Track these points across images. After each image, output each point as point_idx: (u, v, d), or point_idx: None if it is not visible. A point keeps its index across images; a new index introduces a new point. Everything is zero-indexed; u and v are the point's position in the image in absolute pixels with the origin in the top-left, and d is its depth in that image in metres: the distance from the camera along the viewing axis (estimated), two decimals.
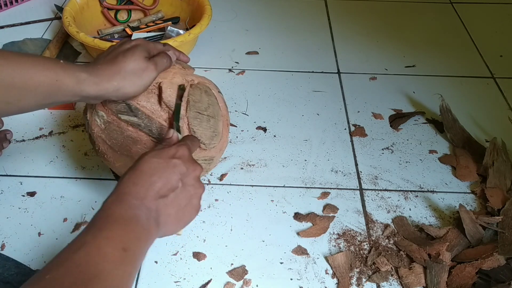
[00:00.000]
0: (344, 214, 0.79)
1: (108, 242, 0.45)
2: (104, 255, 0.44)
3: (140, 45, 0.63)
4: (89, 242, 0.45)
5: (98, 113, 0.68)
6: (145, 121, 0.67)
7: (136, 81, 0.61)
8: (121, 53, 0.62)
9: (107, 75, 0.59)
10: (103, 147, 0.69)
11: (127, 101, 0.66)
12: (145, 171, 0.51)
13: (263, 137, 0.92)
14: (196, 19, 1.07)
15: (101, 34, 1.11)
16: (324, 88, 1.05)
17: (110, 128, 0.68)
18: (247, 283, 0.69)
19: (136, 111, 0.67)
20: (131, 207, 0.49)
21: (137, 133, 0.67)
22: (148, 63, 0.62)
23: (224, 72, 1.08)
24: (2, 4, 1.24)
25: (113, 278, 0.44)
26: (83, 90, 0.58)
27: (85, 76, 0.58)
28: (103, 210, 0.49)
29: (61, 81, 0.56)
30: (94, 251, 0.44)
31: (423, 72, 1.10)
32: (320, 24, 1.25)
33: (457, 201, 0.81)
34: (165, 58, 0.65)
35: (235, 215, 0.78)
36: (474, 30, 1.24)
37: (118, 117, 0.67)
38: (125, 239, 0.46)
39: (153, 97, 0.68)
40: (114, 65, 0.60)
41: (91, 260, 0.43)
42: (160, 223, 0.51)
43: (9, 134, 0.85)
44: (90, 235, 0.46)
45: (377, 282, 0.70)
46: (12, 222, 0.76)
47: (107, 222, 0.47)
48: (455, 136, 0.92)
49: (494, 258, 0.69)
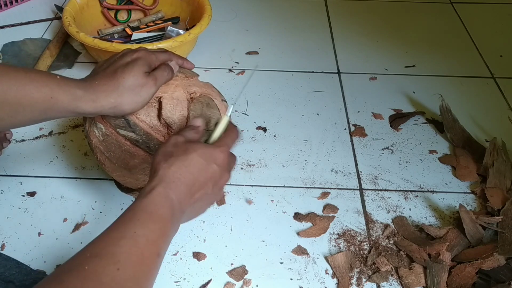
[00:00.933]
0: (344, 214, 0.79)
1: (148, 244, 0.46)
2: (141, 257, 0.45)
3: (141, 59, 0.61)
4: (129, 238, 0.45)
5: (97, 125, 0.68)
6: (143, 137, 0.66)
7: (134, 98, 0.60)
8: (120, 67, 0.60)
9: (104, 91, 0.58)
10: (101, 157, 0.69)
11: (126, 116, 0.65)
12: (192, 171, 0.52)
13: (263, 137, 0.92)
14: (196, 19, 1.07)
15: (101, 34, 1.11)
16: (324, 88, 1.05)
17: (108, 140, 0.67)
18: (247, 283, 0.69)
19: (135, 127, 0.66)
20: (172, 208, 0.50)
21: (134, 148, 0.67)
22: (148, 78, 0.60)
23: (224, 72, 1.08)
24: (2, 4, 1.24)
25: (144, 281, 0.45)
26: (79, 107, 0.57)
27: (81, 94, 0.56)
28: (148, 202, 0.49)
29: (56, 98, 0.55)
30: (133, 250, 0.45)
31: (423, 72, 1.10)
32: (320, 24, 1.25)
33: (457, 201, 0.81)
34: (166, 70, 0.63)
35: (235, 215, 0.78)
36: (474, 30, 1.24)
37: (116, 131, 0.66)
38: (161, 243, 0.48)
39: (153, 111, 0.66)
40: (111, 81, 0.58)
41: (130, 259, 0.44)
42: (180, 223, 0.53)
43: (9, 134, 0.85)
44: (131, 229, 0.46)
45: (377, 282, 0.70)
46: (12, 222, 0.76)
47: (150, 220, 0.48)
48: (455, 136, 0.92)
49: (494, 258, 0.69)
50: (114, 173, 0.71)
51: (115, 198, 0.80)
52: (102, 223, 0.76)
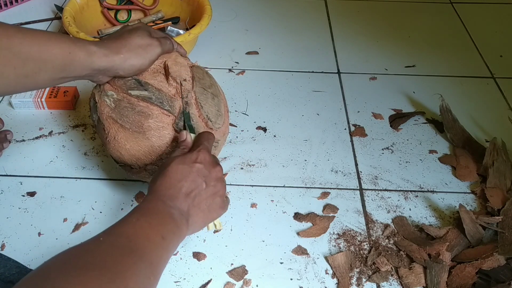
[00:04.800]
0: (344, 214, 0.79)
1: (150, 227, 0.51)
2: (147, 235, 0.50)
3: (143, 26, 0.69)
4: (134, 223, 0.51)
5: (108, 93, 0.69)
6: (155, 94, 0.68)
7: (142, 53, 0.65)
8: (126, 31, 0.66)
9: (115, 47, 0.63)
10: (114, 128, 0.69)
11: (136, 77, 0.68)
12: (174, 177, 0.57)
13: (263, 137, 0.92)
14: (196, 19, 1.07)
15: (101, 34, 1.11)
16: (324, 88, 1.05)
17: (121, 105, 0.68)
18: (247, 283, 0.69)
19: (146, 85, 0.68)
20: (167, 206, 0.55)
21: (148, 107, 0.68)
22: (153, 39, 0.67)
23: (224, 72, 1.08)
24: (2, 4, 1.24)
25: (154, 256, 0.49)
26: (94, 62, 0.62)
27: (95, 49, 0.61)
28: (145, 203, 0.55)
29: (73, 53, 0.60)
30: (139, 230, 0.50)
31: (423, 72, 1.10)
32: (320, 24, 1.25)
33: (457, 201, 0.81)
34: (168, 39, 0.70)
35: (235, 215, 0.78)
36: (474, 30, 1.24)
37: (128, 93, 0.68)
38: (163, 229, 0.52)
39: (159, 75, 0.69)
40: (120, 40, 0.64)
41: (137, 236, 0.49)
42: (189, 222, 0.57)
43: (9, 135, 0.85)
44: (134, 218, 0.51)
45: (377, 282, 0.70)
46: (12, 222, 0.76)
47: (148, 212, 0.53)
48: (455, 136, 0.92)
49: (494, 258, 0.69)
50: (128, 144, 0.69)
51: (115, 198, 0.80)
52: (102, 223, 0.76)
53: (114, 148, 0.70)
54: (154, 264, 0.48)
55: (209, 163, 0.60)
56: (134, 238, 0.48)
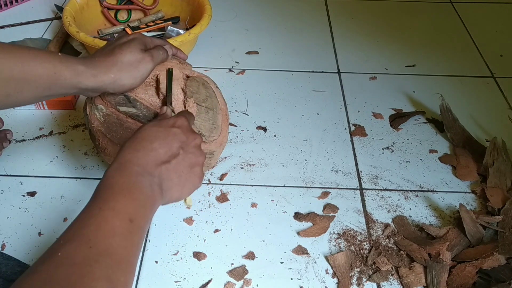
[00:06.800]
0: (344, 213, 0.79)
1: (115, 214, 0.46)
2: (112, 229, 0.45)
3: (137, 38, 0.65)
4: (96, 215, 0.46)
5: (97, 107, 0.69)
6: (143, 111, 0.67)
7: (133, 73, 0.62)
8: (117, 46, 0.63)
9: (104, 67, 0.60)
10: (103, 141, 0.70)
11: (126, 93, 0.67)
12: (146, 138, 0.53)
13: (263, 136, 0.92)
14: (196, 19, 1.07)
15: (101, 34, 1.11)
16: (324, 88, 1.05)
17: (110, 120, 0.68)
18: (247, 283, 0.69)
19: (135, 102, 0.67)
20: (133, 174, 0.50)
21: (136, 124, 0.67)
22: (144, 54, 0.63)
23: (224, 72, 1.08)
24: (2, 4, 1.24)
25: (122, 251, 0.45)
26: (81, 82, 0.59)
27: (82, 69, 0.59)
28: (106, 179, 0.49)
29: (59, 73, 0.57)
30: (102, 225, 0.45)
31: (423, 71, 1.10)
32: (320, 24, 1.25)
33: (457, 201, 0.81)
34: (161, 50, 0.66)
35: (235, 215, 0.78)
36: (474, 30, 1.24)
37: (117, 109, 0.68)
38: (130, 209, 0.47)
39: (151, 89, 0.68)
40: (110, 57, 0.61)
41: (100, 235, 0.44)
42: (163, 189, 0.52)
43: (9, 134, 0.85)
44: (97, 207, 0.47)
45: (377, 281, 0.69)
46: (12, 222, 0.76)
47: (112, 192, 0.48)
48: (455, 136, 0.92)
49: (494, 257, 0.69)
50: None
51: None
52: None
53: (106, 158, 0.72)
54: (124, 261, 0.45)
55: (187, 129, 0.57)
56: (96, 242, 0.43)
